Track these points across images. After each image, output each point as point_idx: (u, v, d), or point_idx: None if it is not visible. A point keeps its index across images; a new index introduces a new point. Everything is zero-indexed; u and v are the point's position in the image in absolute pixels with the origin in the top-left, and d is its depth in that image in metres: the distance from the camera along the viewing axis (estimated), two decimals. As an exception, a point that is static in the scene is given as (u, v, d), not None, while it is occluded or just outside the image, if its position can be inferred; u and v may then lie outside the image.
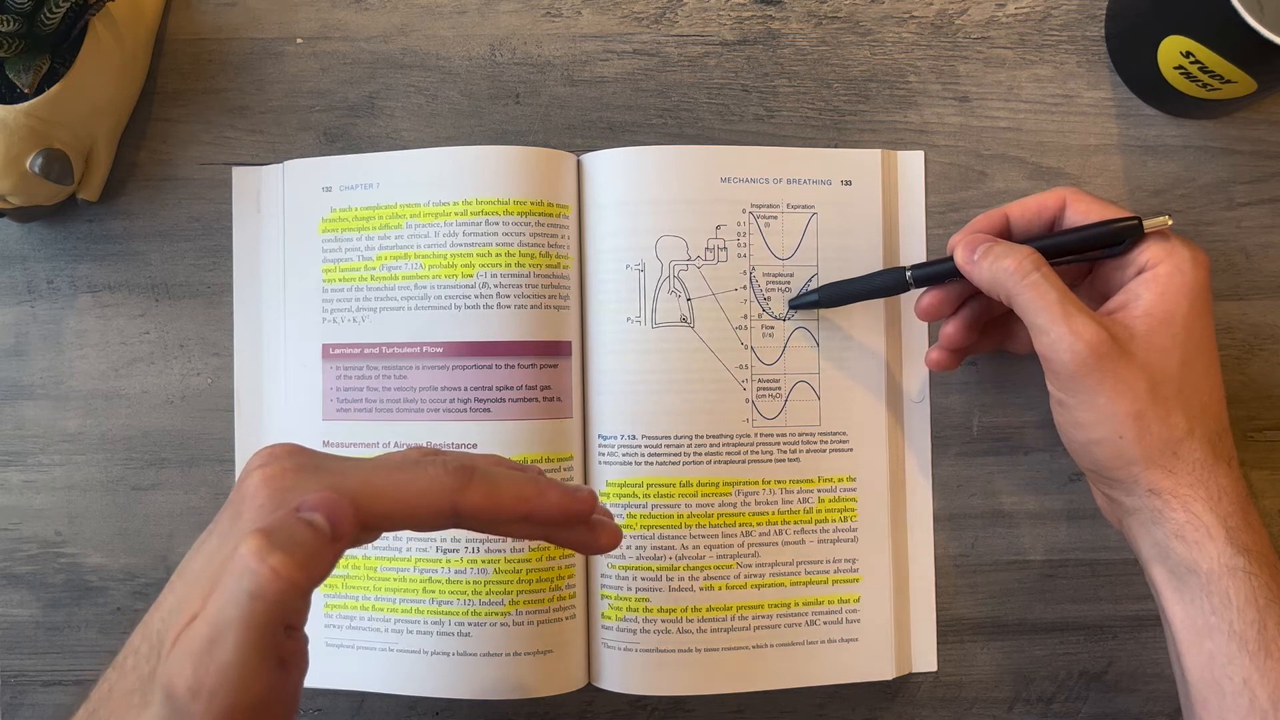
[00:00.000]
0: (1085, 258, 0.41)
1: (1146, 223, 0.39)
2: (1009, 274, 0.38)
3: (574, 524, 0.33)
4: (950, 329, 0.44)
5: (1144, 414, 0.37)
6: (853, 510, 0.46)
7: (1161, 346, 0.38)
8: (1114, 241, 0.40)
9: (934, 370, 0.45)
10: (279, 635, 0.28)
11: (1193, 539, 0.36)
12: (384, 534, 0.35)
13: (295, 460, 0.30)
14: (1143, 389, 0.37)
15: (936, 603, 0.47)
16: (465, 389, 0.44)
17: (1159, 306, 0.38)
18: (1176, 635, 0.37)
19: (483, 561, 0.44)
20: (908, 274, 0.43)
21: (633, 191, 0.45)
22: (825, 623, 0.46)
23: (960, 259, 0.40)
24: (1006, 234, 0.42)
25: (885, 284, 0.44)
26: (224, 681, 0.27)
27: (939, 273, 0.42)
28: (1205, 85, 0.43)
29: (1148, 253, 0.39)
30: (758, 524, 0.45)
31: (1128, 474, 0.38)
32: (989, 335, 0.45)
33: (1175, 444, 0.37)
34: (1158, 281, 0.38)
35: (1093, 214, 0.40)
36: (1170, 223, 0.39)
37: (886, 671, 0.46)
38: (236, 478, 0.46)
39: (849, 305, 0.46)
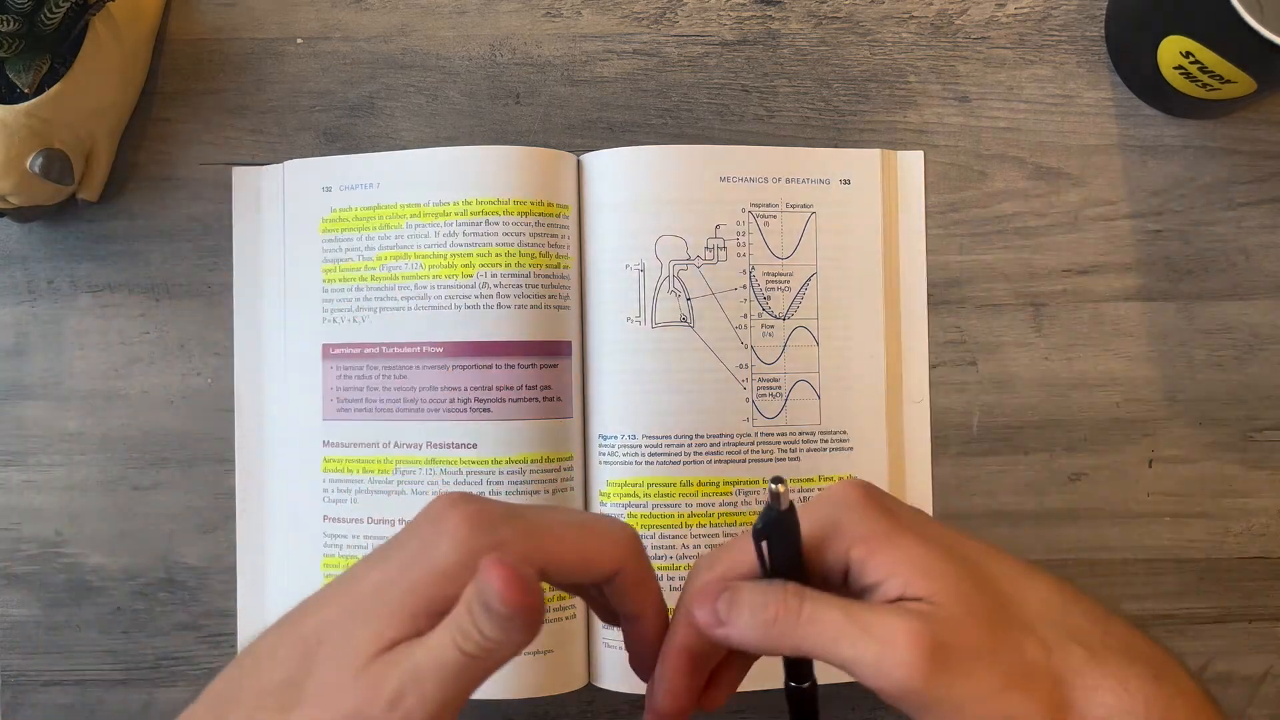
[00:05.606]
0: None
1: (772, 487, 0.29)
2: (778, 622, 0.30)
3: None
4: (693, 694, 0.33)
5: (1006, 668, 0.28)
6: (853, 510, 0.46)
7: (952, 590, 0.29)
8: (774, 518, 0.30)
9: None
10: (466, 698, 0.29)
11: None
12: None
13: (486, 505, 0.30)
14: (985, 646, 0.29)
15: (936, 603, 0.47)
16: (465, 389, 0.44)
17: (892, 554, 0.30)
18: None
19: (483, 561, 0.44)
20: None
21: (632, 191, 0.45)
22: (825, 623, 0.46)
23: (705, 622, 0.31)
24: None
25: None
26: None
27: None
28: (1205, 85, 0.43)
29: (818, 513, 0.31)
30: (758, 524, 0.45)
31: None
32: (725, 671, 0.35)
33: (1055, 679, 0.28)
34: (848, 533, 0.30)
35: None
36: (782, 488, 0.29)
37: (886, 671, 0.46)
38: (237, 480, 0.46)
39: (849, 306, 0.46)
